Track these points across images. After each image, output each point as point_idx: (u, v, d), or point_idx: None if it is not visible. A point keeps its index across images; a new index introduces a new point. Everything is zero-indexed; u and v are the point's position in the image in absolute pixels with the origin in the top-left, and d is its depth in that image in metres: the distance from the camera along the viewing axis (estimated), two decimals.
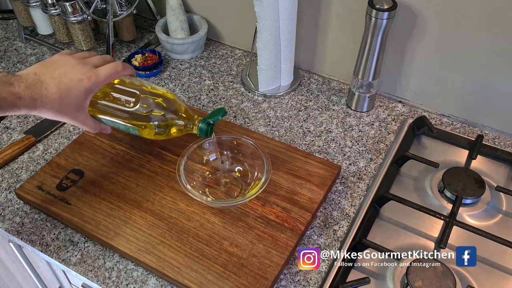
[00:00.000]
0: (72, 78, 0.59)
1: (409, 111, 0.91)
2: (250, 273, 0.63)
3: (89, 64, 0.62)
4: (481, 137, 0.81)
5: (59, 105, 0.59)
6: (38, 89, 0.57)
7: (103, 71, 0.62)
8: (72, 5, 0.95)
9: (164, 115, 0.68)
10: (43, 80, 0.58)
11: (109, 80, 0.63)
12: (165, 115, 0.68)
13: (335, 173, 0.75)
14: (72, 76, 0.59)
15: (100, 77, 0.61)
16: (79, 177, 0.74)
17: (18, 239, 0.70)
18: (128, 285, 0.65)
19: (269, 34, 0.85)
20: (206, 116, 0.70)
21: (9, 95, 0.54)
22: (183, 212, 0.70)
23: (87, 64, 0.62)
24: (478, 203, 0.75)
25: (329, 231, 0.71)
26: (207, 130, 0.70)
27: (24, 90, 0.56)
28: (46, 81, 0.58)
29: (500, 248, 0.67)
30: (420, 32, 0.82)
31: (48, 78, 0.58)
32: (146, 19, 1.15)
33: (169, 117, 0.68)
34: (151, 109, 0.67)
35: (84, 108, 0.62)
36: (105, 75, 0.62)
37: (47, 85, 0.58)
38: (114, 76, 0.64)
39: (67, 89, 0.59)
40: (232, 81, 0.98)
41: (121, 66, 0.65)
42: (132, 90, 0.67)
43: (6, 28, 1.14)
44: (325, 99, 0.94)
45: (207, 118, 0.70)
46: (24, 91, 0.56)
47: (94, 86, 0.61)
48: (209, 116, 0.70)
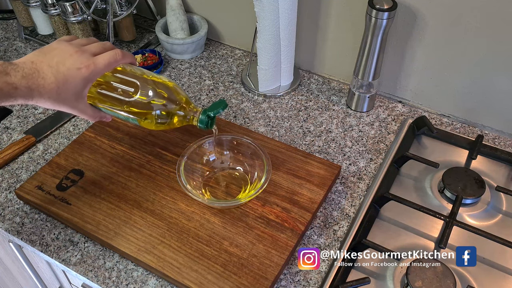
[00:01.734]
0: (70, 67, 0.58)
1: (409, 111, 0.91)
2: (250, 273, 0.63)
3: (87, 52, 0.60)
4: (481, 137, 0.81)
5: (57, 94, 0.57)
6: (35, 79, 0.55)
7: (101, 60, 0.61)
8: (72, 5, 0.95)
9: (164, 104, 0.66)
10: (40, 69, 0.56)
11: (108, 68, 0.62)
12: (165, 105, 0.66)
13: (335, 173, 0.75)
14: (70, 65, 0.58)
15: (98, 66, 0.60)
16: (79, 177, 0.74)
17: (18, 239, 0.70)
18: (128, 285, 0.65)
19: (269, 34, 0.85)
20: (207, 108, 0.69)
21: (5, 85, 0.53)
22: (183, 212, 0.70)
23: (86, 52, 0.60)
24: (478, 203, 0.75)
25: (329, 231, 0.71)
26: (208, 122, 0.68)
27: (21, 80, 0.54)
28: (43, 70, 0.56)
29: (500, 248, 0.67)
30: (420, 32, 0.82)
31: (45, 67, 0.56)
32: (146, 19, 1.15)
33: (170, 106, 0.66)
34: (151, 97, 0.65)
35: (83, 97, 0.61)
36: (104, 64, 0.60)
37: (44, 74, 0.56)
38: (113, 64, 0.62)
39: (65, 79, 0.57)
40: (232, 81, 0.98)
41: (120, 54, 0.63)
42: (132, 79, 0.65)
43: (6, 28, 1.14)
44: (325, 99, 0.94)
45: (208, 111, 0.68)
46: (20, 81, 0.54)
47: (93, 75, 0.60)
48: (210, 108, 0.68)
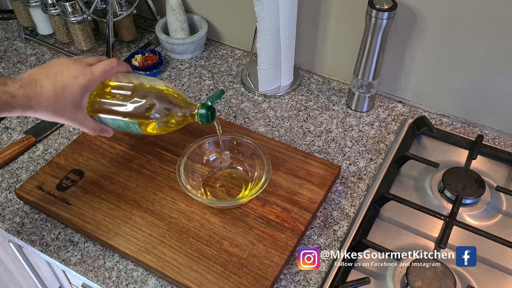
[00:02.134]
0: (67, 76, 0.59)
1: (409, 111, 0.91)
2: (250, 273, 0.63)
3: (83, 63, 0.62)
4: (481, 137, 0.81)
5: (55, 103, 0.58)
6: (33, 88, 0.57)
7: (98, 68, 0.62)
8: (72, 5, 0.95)
9: (164, 108, 0.66)
10: (38, 79, 0.58)
11: (104, 76, 0.63)
12: (165, 109, 0.66)
13: (335, 173, 0.75)
14: (67, 74, 0.59)
15: (95, 73, 0.61)
16: (79, 177, 0.74)
17: (18, 239, 0.70)
18: (128, 285, 0.65)
19: (269, 34, 0.85)
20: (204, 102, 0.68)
21: (3, 94, 0.54)
22: (183, 212, 0.70)
23: (82, 63, 0.62)
24: (478, 203, 0.75)
25: (329, 231, 0.71)
26: (208, 114, 0.67)
27: (19, 89, 0.55)
28: (41, 79, 0.58)
29: (500, 248, 0.67)
30: (420, 32, 0.82)
31: (43, 77, 0.58)
32: (146, 19, 1.15)
33: (170, 110, 0.67)
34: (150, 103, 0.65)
35: (82, 107, 0.62)
36: (100, 71, 0.62)
37: (42, 83, 0.57)
38: (109, 72, 0.63)
39: (63, 87, 0.58)
40: (232, 81, 0.98)
41: (115, 62, 0.64)
42: (130, 85, 0.66)
43: (6, 28, 1.14)
44: (325, 99, 0.94)
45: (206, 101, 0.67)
46: (18, 90, 0.55)
47: (90, 83, 0.61)
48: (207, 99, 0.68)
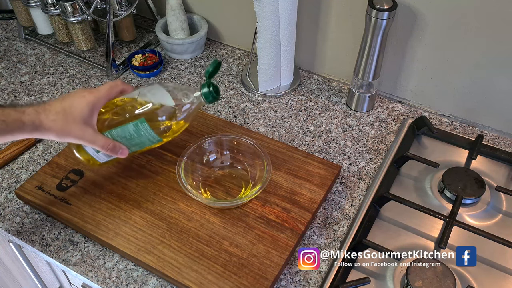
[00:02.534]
0: (74, 95, 0.64)
1: (409, 111, 0.91)
2: (250, 273, 0.63)
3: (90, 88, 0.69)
4: (481, 137, 0.81)
5: (64, 118, 0.61)
6: (42, 106, 0.61)
7: (103, 86, 0.67)
8: (72, 5, 0.95)
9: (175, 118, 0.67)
10: (46, 102, 0.63)
11: (110, 93, 0.66)
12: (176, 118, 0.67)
13: (335, 173, 0.75)
14: (74, 94, 0.64)
15: (101, 91, 0.65)
16: (79, 177, 0.74)
17: (18, 239, 0.71)
18: (128, 285, 0.65)
19: (269, 34, 0.85)
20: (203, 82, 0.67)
21: (13, 112, 0.59)
22: (183, 212, 0.70)
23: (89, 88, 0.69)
24: (478, 203, 0.75)
25: (329, 231, 0.71)
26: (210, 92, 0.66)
27: (28, 107, 0.60)
28: (49, 102, 0.63)
29: (500, 248, 0.67)
30: (420, 32, 0.82)
31: (51, 100, 0.63)
32: (146, 19, 1.15)
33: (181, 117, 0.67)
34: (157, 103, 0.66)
35: (92, 124, 0.64)
36: (105, 88, 0.66)
37: (51, 102, 0.62)
38: (114, 88, 0.67)
39: (70, 104, 0.62)
40: (232, 81, 0.98)
41: (120, 81, 0.69)
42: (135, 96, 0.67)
43: (6, 28, 1.14)
44: (325, 99, 0.94)
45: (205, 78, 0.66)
46: (27, 108, 0.60)
47: (97, 100, 0.64)
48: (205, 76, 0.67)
